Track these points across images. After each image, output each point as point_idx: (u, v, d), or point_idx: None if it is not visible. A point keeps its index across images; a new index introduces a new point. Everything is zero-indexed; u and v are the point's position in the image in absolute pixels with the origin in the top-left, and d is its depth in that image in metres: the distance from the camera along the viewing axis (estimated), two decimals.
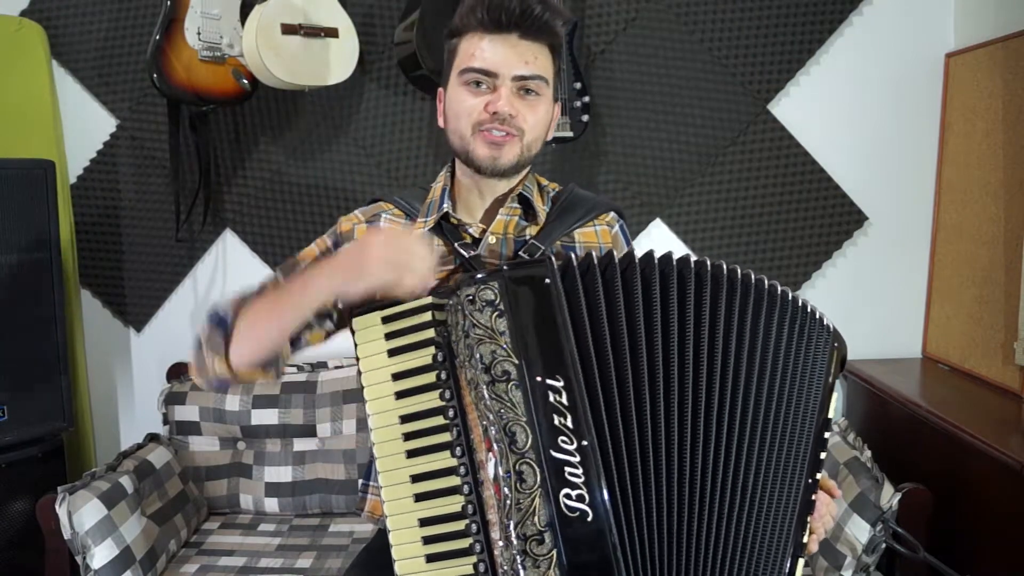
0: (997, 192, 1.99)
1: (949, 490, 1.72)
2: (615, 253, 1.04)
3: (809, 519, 1.08)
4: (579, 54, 2.15)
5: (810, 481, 1.08)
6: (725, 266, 1.05)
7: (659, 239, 2.30)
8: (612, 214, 1.32)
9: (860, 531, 1.65)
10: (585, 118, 2.10)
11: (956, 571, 1.52)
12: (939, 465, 1.79)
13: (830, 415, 1.12)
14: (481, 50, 1.15)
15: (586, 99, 2.10)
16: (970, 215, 2.10)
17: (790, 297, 1.09)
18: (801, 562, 1.09)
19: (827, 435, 1.11)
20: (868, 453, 1.78)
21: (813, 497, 1.09)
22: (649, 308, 1.01)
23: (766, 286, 1.07)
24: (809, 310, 1.10)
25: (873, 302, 2.30)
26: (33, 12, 2.26)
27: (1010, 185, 1.94)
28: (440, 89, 1.25)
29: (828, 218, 2.27)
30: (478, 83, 1.16)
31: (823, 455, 1.10)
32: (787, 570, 1.06)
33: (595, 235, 1.29)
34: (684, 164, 2.26)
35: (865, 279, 2.30)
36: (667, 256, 1.04)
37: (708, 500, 1.01)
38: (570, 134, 2.08)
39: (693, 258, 1.05)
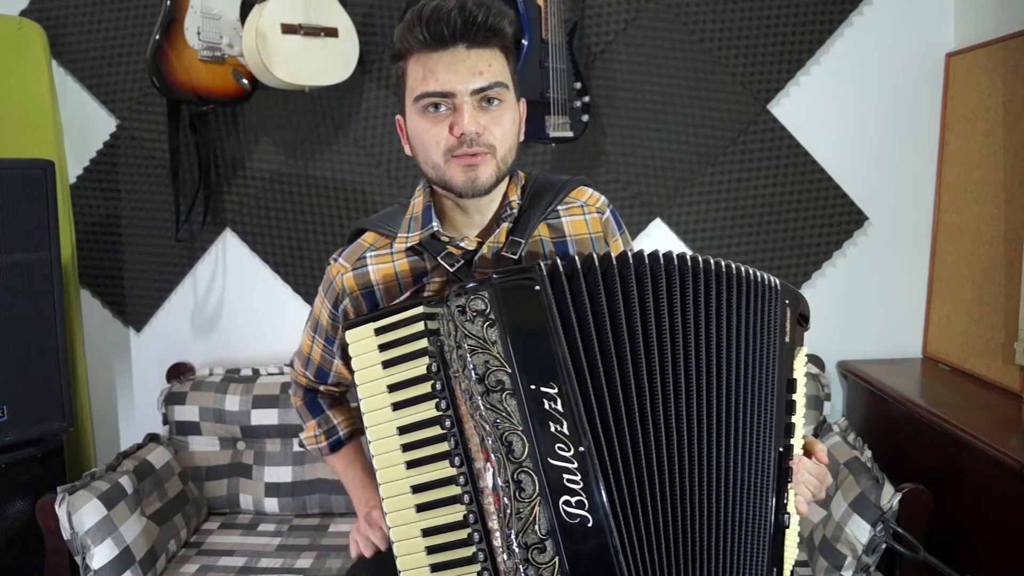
0: (997, 192, 1.99)
1: (949, 490, 1.72)
2: (595, 254, 1.04)
3: (789, 485, 1.08)
4: (579, 54, 2.15)
5: (781, 450, 1.08)
6: (687, 257, 1.05)
7: (659, 239, 2.30)
8: (601, 200, 1.28)
9: (860, 531, 1.65)
10: (585, 118, 2.10)
11: (956, 571, 1.52)
12: (939, 465, 1.79)
13: (795, 375, 1.12)
14: (431, 71, 1.07)
15: (586, 99, 2.10)
16: (970, 215, 2.10)
17: (736, 271, 1.07)
18: (793, 539, 1.09)
19: (794, 397, 1.11)
20: (868, 453, 1.78)
21: (790, 464, 1.08)
22: (629, 307, 1.02)
23: (713, 267, 1.06)
24: (753, 276, 1.09)
25: (873, 302, 2.30)
26: (33, 12, 2.26)
27: (1010, 185, 1.94)
28: (398, 117, 1.18)
29: (828, 218, 2.27)
30: (436, 106, 1.09)
31: (794, 418, 1.10)
32: (768, 550, 1.06)
33: (585, 224, 1.25)
34: (684, 164, 2.26)
35: (865, 279, 2.30)
36: (639, 254, 1.04)
37: (700, 492, 1.01)
38: (570, 134, 2.08)
39: (660, 252, 1.05)
